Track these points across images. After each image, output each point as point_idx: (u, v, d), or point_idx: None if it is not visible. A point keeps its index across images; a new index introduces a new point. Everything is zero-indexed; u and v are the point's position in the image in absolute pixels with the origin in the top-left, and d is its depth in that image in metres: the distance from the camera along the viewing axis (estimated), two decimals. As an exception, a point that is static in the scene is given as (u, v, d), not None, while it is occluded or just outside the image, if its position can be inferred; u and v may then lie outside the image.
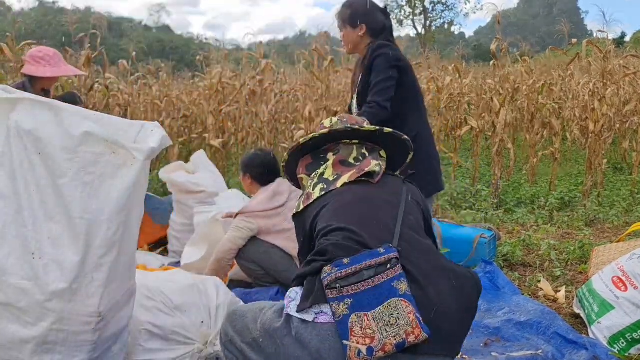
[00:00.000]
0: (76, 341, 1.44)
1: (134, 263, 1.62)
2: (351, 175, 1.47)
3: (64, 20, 5.54)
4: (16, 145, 1.37)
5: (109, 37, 24.04)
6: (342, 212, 1.40)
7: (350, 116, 1.68)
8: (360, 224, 1.34)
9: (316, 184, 1.49)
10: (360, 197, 1.44)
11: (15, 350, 1.40)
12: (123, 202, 1.41)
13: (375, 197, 1.44)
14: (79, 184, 1.38)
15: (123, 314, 1.60)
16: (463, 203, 5.20)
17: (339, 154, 1.54)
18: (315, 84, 6.53)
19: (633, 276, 2.26)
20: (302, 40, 43.93)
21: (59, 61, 2.96)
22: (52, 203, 1.38)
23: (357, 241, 1.30)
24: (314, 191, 1.47)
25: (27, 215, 1.37)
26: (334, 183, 1.47)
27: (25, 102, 1.39)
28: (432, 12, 35.06)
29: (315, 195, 1.46)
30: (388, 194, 1.47)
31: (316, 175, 1.52)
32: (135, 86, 7.59)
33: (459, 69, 7.01)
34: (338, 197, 1.44)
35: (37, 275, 1.37)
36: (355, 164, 1.51)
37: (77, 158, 1.39)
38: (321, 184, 1.48)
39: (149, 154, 1.42)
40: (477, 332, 2.37)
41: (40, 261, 1.36)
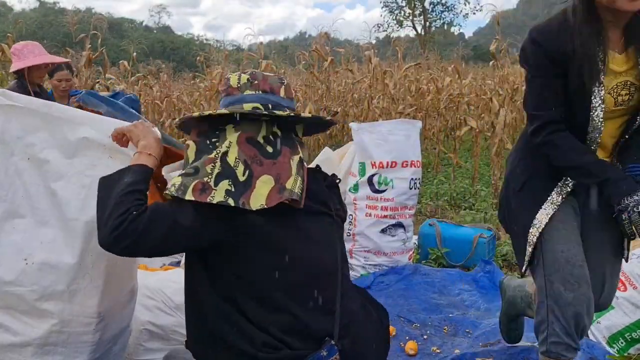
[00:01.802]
0: (77, 342, 1.44)
1: (134, 263, 1.62)
2: (269, 194, 1.14)
3: (65, 20, 5.56)
4: (1, 152, 1.36)
5: (110, 38, 24.06)
6: (298, 287, 1.18)
7: (264, 77, 1.27)
8: (303, 304, 1.17)
9: (219, 175, 1.13)
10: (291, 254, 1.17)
11: (16, 352, 1.40)
12: None
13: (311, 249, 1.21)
14: (77, 187, 1.38)
15: (124, 315, 1.61)
16: (462, 203, 5.21)
17: (242, 128, 1.19)
18: (315, 84, 6.55)
19: (632, 276, 2.27)
20: (302, 40, 43.97)
21: (28, 53, 2.82)
22: (44, 207, 1.37)
23: (300, 331, 1.17)
24: (216, 187, 1.12)
25: (17, 222, 1.37)
26: (245, 190, 1.13)
27: (7, 109, 1.36)
28: (432, 12, 35.06)
29: (217, 196, 1.11)
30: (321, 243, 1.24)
31: (218, 156, 1.16)
32: (136, 86, 7.60)
33: (458, 69, 7.03)
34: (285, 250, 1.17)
35: (32, 281, 1.36)
36: (266, 150, 1.19)
37: (75, 162, 1.39)
38: (227, 182, 1.13)
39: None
40: (476, 332, 2.38)
41: (33, 266, 1.36)
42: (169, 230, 1.12)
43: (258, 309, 1.15)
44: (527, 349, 2.11)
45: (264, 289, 1.16)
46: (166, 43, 37.22)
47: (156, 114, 7.48)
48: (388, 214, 3.17)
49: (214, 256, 1.18)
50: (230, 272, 1.17)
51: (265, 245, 1.16)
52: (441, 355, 2.18)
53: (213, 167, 1.15)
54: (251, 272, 1.16)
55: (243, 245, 1.16)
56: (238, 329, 1.15)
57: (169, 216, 1.13)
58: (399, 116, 6.10)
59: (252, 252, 1.16)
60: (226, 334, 1.15)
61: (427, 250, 3.42)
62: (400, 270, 3.05)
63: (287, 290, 1.17)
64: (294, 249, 1.18)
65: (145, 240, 1.11)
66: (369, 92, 6.61)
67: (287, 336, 1.15)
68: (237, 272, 1.17)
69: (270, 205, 1.14)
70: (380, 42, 26.19)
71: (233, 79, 1.27)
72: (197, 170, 1.15)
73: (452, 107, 7.47)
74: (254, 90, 1.25)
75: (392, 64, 8.05)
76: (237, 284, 1.16)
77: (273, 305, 1.16)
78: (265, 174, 1.16)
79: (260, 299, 1.16)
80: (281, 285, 1.17)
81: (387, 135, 3.16)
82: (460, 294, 2.82)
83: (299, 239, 1.21)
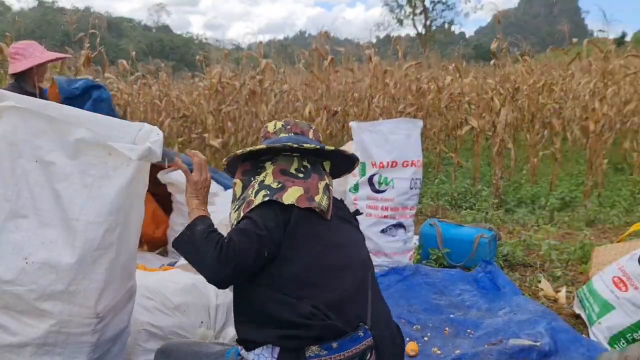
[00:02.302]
0: (76, 343, 1.44)
1: (133, 264, 1.61)
2: (299, 197, 1.37)
3: (64, 20, 5.54)
4: (8, 154, 1.37)
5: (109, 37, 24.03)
6: (331, 272, 1.35)
7: (295, 123, 1.58)
8: (343, 295, 1.33)
9: (257, 191, 1.39)
10: (340, 251, 1.39)
11: (15, 352, 1.40)
12: (120, 203, 1.40)
13: (352, 253, 1.43)
14: (79, 187, 1.38)
15: (123, 315, 1.60)
16: (463, 203, 5.19)
17: (278, 163, 1.46)
18: (315, 83, 6.53)
19: (634, 276, 2.26)
20: (302, 39, 43.94)
21: (33, 51, 2.78)
22: (47, 208, 1.38)
23: (340, 310, 1.31)
24: (255, 198, 1.37)
25: (20, 221, 1.37)
26: (278, 192, 1.37)
27: (12, 111, 1.37)
28: (433, 11, 35.08)
29: (257, 201, 1.36)
30: (357, 249, 1.46)
31: (256, 182, 1.43)
32: (135, 86, 7.59)
33: (459, 68, 7.01)
34: (318, 242, 1.36)
35: (31, 280, 1.36)
36: (297, 175, 1.43)
37: (77, 162, 1.39)
38: (263, 191, 1.38)
39: (143, 154, 1.39)
40: (477, 332, 2.37)
41: (33, 266, 1.36)
42: (257, 242, 1.30)
43: (303, 290, 1.31)
44: (528, 348, 2.10)
45: (308, 271, 1.33)
46: (165, 42, 37.19)
47: (155, 113, 7.46)
48: (388, 214, 3.15)
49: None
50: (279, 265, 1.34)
51: (307, 235, 1.36)
52: (442, 356, 2.16)
53: (252, 189, 1.42)
54: (298, 258, 1.34)
55: (293, 237, 1.35)
56: (288, 306, 1.29)
57: (250, 231, 1.32)
58: (399, 115, 6.08)
59: (299, 241, 1.35)
60: (272, 312, 1.30)
61: (427, 250, 3.41)
62: (401, 271, 3.04)
63: (327, 273, 1.35)
64: (330, 239, 1.40)
65: (244, 258, 1.29)
66: (369, 92, 6.59)
67: (330, 312, 1.30)
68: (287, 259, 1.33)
69: (300, 205, 1.36)
70: (381, 41, 26.18)
71: (270, 126, 1.58)
72: (244, 199, 1.42)
73: (453, 107, 7.45)
74: (287, 133, 1.55)
75: (392, 63, 8.02)
76: (286, 272, 1.33)
77: (316, 285, 1.33)
78: (295, 186, 1.40)
79: (304, 281, 1.33)
80: (322, 267, 1.34)
81: (387, 135, 3.14)
82: (461, 294, 2.81)
83: (333, 233, 1.42)
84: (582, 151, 7.82)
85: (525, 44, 6.74)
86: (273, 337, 1.29)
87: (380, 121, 3.98)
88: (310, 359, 1.26)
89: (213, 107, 6.47)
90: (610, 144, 6.61)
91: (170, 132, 7.08)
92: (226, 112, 6.66)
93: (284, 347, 1.29)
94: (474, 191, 5.42)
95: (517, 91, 6.25)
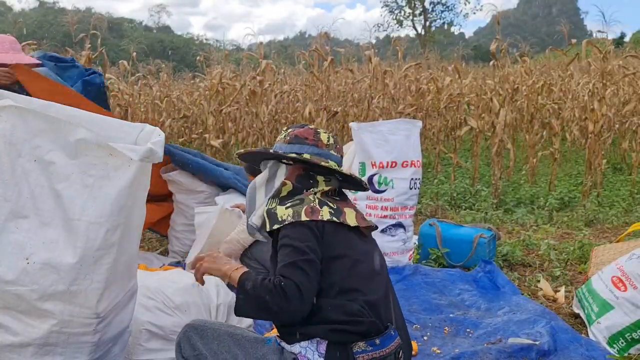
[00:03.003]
0: (77, 343, 1.44)
1: (134, 263, 1.61)
2: (357, 216, 1.48)
3: (65, 20, 5.54)
4: (7, 153, 1.37)
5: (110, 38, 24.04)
6: (367, 277, 1.43)
7: (340, 144, 1.64)
8: (378, 297, 1.42)
9: (322, 202, 1.45)
10: (371, 259, 1.48)
11: (16, 352, 1.40)
12: (121, 203, 1.41)
13: (378, 261, 1.51)
14: (80, 187, 1.39)
15: (124, 315, 1.60)
16: (463, 203, 5.20)
17: (329, 184, 1.52)
18: (315, 84, 6.54)
19: (632, 276, 2.27)
20: (302, 40, 43.95)
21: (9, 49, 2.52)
22: (48, 208, 1.38)
23: (379, 316, 1.40)
24: (321, 209, 1.42)
25: (21, 222, 1.37)
26: (341, 214, 1.45)
27: (11, 110, 1.37)
28: (432, 12, 35.07)
29: (324, 215, 1.41)
30: (380, 257, 1.54)
31: (314, 193, 1.48)
32: (136, 86, 7.59)
33: (458, 69, 7.02)
34: (354, 250, 1.44)
35: (32, 280, 1.37)
36: (340, 200, 1.53)
37: (77, 162, 1.39)
38: (327, 207, 1.43)
39: (145, 155, 1.39)
40: (477, 331, 2.38)
41: (35, 266, 1.36)
42: (305, 262, 1.32)
43: (347, 294, 1.37)
44: (527, 347, 2.11)
45: (345, 278, 1.39)
46: (166, 43, 37.22)
47: (156, 113, 7.47)
48: (388, 214, 3.17)
49: None
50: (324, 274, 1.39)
51: (343, 247, 1.42)
52: (441, 355, 2.17)
53: (314, 198, 1.46)
54: (336, 268, 1.39)
55: (332, 248, 1.40)
56: (336, 306, 1.35)
57: (294, 255, 1.33)
58: (399, 116, 6.09)
59: (336, 252, 1.40)
60: (326, 310, 1.34)
61: (427, 250, 3.42)
62: (401, 271, 3.05)
63: (364, 278, 1.42)
64: (362, 247, 1.47)
65: (307, 283, 1.30)
66: (369, 92, 6.61)
67: (371, 311, 1.38)
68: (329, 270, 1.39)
69: (362, 225, 1.47)
70: (381, 42, 26.21)
71: (324, 137, 1.57)
72: (302, 200, 1.45)
73: (452, 107, 7.46)
74: (337, 153, 1.58)
75: (392, 64, 8.04)
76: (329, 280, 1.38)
77: (357, 290, 1.39)
78: (347, 207, 1.50)
79: (343, 287, 1.38)
80: (360, 274, 1.41)
81: (387, 135, 3.16)
82: (460, 294, 2.82)
83: (361, 241, 1.49)
84: (581, 151, 7.84)
85: (525, 44, 6.75)
86: (322, 330, 1.33)
87: (380, 122, 3.99)
88: (357, 354, 1.33)
89: (213, 108, 6.48)
90: (609, 144, 6.63)
91: (171, 132, 7.10)
92: (227, 113, 6.67)
93: (332, 341, 1.33)
94: (473, 191, 5.43)
95: (516, 92, 6.26)
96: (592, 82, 6.35)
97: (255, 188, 1.55)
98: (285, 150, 1.53)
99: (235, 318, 2.04)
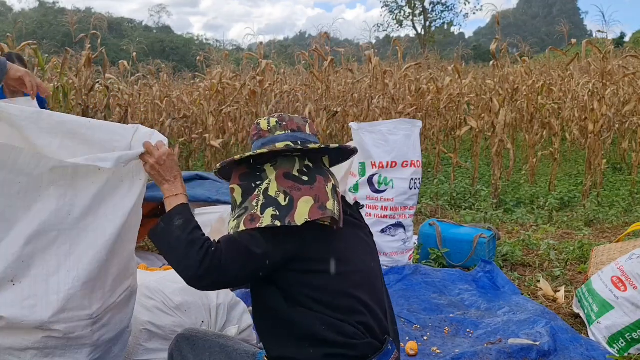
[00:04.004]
0: (75, 344, 1.44)
1: (130, 264, 1.60)
2: (311, 210, 1.27)
3: (65, 20, 5.55)
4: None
5: (110, 38, 24.06)
6: (344, 294, 1.31)
7: (291, 118, 1.44)
8: (366, 312, 1.32)
9: (264, 204, 1.27)
10: (344, 261, 1.33)
11: (16, 355, 1.40)
12: (126, 211, 1.42)
13: (360, 257, 1.38)
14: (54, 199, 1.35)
15: (123, 315, 1.60)
16: (463, 203, 5.20)
17: (280, 166, 1.34)
18: (315, 84, 6.54)
19: (632, 276, 2.27)
20: (302, 40, 43.96)
21: None
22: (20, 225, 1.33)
23: (371, 327, 1.32)
24: (262, 215, 1.25)
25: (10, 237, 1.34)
26: (288, 211, 1.26)
27: None
28: (432, 12, 35.04)
29: (265, 221, 1.24)
30: (365, 252, 1.41)
31: (260, 192, 1.30)
32: (136, 86, 7.61)
33: (458, 69, 7.02)
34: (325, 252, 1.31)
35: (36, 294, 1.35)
36: (301, 179, 1.32)
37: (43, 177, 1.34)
38: (272, 209, 1.26)
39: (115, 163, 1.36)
40: (477, 331, 2.38)
41: (22, 285, 1.33)
42: (246, 259, 1.24)
43: (334, 311, 1.28)
44: (527, 347, 2.11)
45: (332, 292, 1.29)
46: (166, 43, 37.21)
47: (156, 113, 7.47)
48: (388, 214, 3.17)
49: (285, 275, 1.29)
50: (302, 285, 1.29)
51: (323, 256, 1.30)
52: (441, 355, 2.17)
53: (257, 201, 1.29)
54: (319, 280, 1.29)
55: (307, 259, 1.29)
56: (327, 326, 1.26)
57: (243, 246, 1.24)
58: (399, 116, 6.09)
59: (314, 264, 1.29)
60: (316, 333, 1.26)
61: (427, 250, 3.42)
62: (401, 271, 3.05)
63: (351, 291, 1.31)
64: (346, 257, 1.34)
65: (228, 271, 1.23)
66: (369, 92, 6.61)
67: (365, 329, 1.30)
68: (309, 283, 1.29)
69: (313, 218, 1.26)
70: (380, 42, 26.22)
71: (263, 123, 1.42)
72: (247, 208, 1.30)
73: (452, 107, 7.47)
74: (284, 130, 1.40)
75: (392, 64, 8.04)
76: (311, 294, 1.28)
77: (344, 305, 1.30)
78: (304, 196, 1.29)
79: (331, 302, 1.28)
80: (345, 287, 1.30)
81: (387, 135, 3.16)
82: (460, 294, 2.82)
83: (348, 249, 1.36)
84: (581, 151, 7.85)
85: (525, 44, 6.76)
86: (317, 355, 1.26)
87: (380, 122, 3.99)
88: None
89: (213, 108, 6.49)
90: (609, 144, 6.63)
91: (171, 132, 7.09)
92: (227, 113, 6.67)
93: None
94: (473, 191, 5.44)
95: (516, 92, 6.26)
96: (592, 82, 6.35)
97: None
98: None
99: (236, 317, 2.04)
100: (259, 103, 6.35)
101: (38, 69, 5.19)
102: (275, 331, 1.33)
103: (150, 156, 1.40)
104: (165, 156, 1.40)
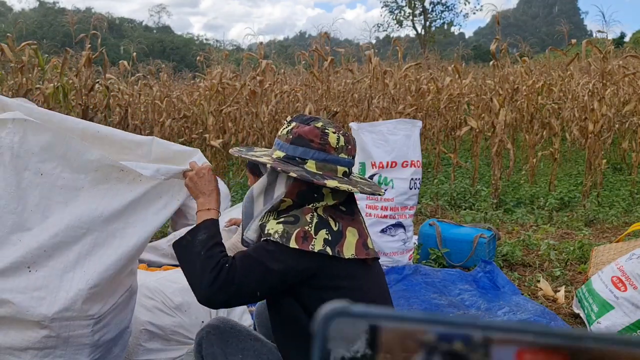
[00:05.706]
0: (76, 344, 1.44)
1: (131, 265, 1.61)
2: (357, 246, 1.28)
3: (65, 20, 5.55)
4: (14, 166, 1.37)
5: (110, 38, 24.05)
6: (370, 297, 1.32)
7: (353, 143, 1.39)
8: None
9: (318, 224, 1.26)
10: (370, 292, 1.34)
11: (16, 355, 1.40)
12: (155, 226, 1.47)
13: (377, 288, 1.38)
14: (88, 199, 1.41)
15: (123, 316, 1.60)
16: (463, 203, 5.20)
17: (336, 195, 1.32)
18: (315, 84, 6.54)
19: (632, 276, 2.27)
20: (302, 40, 43.96)
21: None
22: (53, 221, 1.39)
23: None
24: (316, 236, 1.24)
25: (24, 235, 1.37)
26: (339, 241, 1.26)
27: (23, 124, 1.37)
28: (432, 12, 35.05)
29: (316, 246, 1.23)
30: (382, 286, 1.41)
31: (314, 209, 1.28)
32: (136, 86, 7.60)
33: (458, 69, 7.02)
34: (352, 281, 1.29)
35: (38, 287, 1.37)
36: (341, 208, 1.33)
37: (86, 177, 1.42)
38: (324, 231, 1.25)
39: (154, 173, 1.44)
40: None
41: (37, 274, 1.36)
42: (263, 276, 1.22)
43: None
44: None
45: None
46: (166, 43, 37.23)
47: (156, 113, 7.47)
48: (388, 214, 3.17)
49: (304, 290, 1.27)
50: (321, 300, 1.27)
51: (342, 273, 1.28)
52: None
53: (312, 217, 1.27)
54: (339, 295, 1.25)
55: (328, 276, 1.27)
56: None
57: (259, 263, 1.22)
58: (399, 116, 6.09)
59: (336, 281, 1.28)
60: None
61: (427, 250, 3.42)
62: (401, 271, 3.05)
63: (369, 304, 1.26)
64: (363, 271, 1.32)
65: (243, 290, 1.21)
66: (369, 92, 6.61)
67: None
68: (328, 298, 1.27)
69: (359, 257, 1.28)
70: (380, 42, 26.23)
71: (332, 138, 1.34)
72: (298, 218, 1.27)
73: (452, 107, 7.46)
74: (347, 155, 1.36)
75: (392, 64, 8.04)
76: None
77: None
78: (350, 226, 1.31)
79: None
80: (365, 301, 1.28)
81: (387, 135, 3.16)
82: (460, 294, 2.82)
83: (370, 280, 1.35)
84: (580, 151, 7.84)
85: (525, 44, 6.76)
86: None
87: (380, 122, 3.99)
88: None
89: (214, 108, 6.49)
90: (609, 144, 6.62)
91: (171, 132, 7.09)
92: (227, 113, 6.67)
93: None
94: (473, 191, 5.43)
95: (516, 92, 6.26)
96: (592, 82, 6.35)
97: (252, 199, 1.38)
98: (287, 151, 1.33)
99: (236, 317, 2.04)
100: (259, 103, 6.35)
101: (38, 69, 5.20)
102: (295, 342, 1.31)
103: (192, 170, 1.45)
104: (206, 170, 1.44)
